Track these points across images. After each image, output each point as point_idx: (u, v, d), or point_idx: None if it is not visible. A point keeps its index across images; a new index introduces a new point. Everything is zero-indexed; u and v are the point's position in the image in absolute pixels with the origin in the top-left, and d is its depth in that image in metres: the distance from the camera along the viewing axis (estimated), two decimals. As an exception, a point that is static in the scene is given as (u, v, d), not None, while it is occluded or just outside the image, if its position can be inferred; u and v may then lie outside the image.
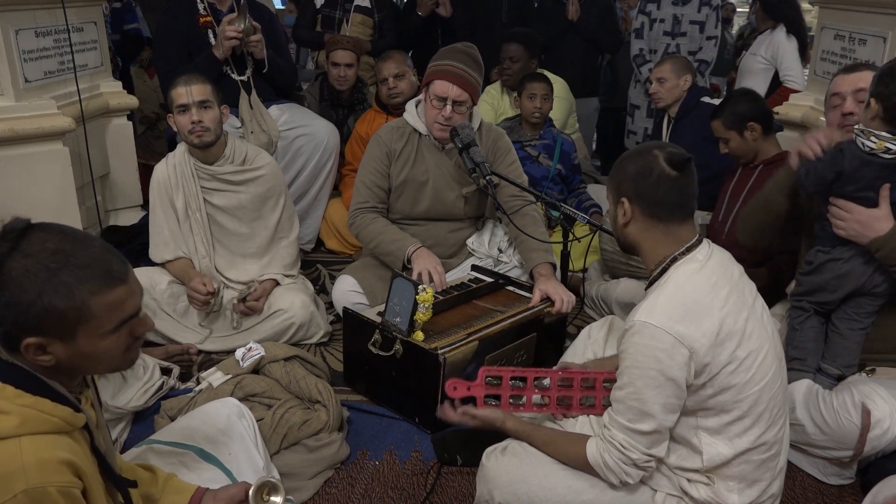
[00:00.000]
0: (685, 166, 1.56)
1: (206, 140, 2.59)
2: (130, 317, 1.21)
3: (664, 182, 1.56)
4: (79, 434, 1.22)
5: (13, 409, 1.13)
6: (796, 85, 4.30)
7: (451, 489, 2.01)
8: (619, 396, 1.56)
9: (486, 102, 4.15)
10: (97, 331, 1.17)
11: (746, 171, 2.87)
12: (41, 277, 1.11)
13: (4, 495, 1.08)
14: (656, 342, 1.48)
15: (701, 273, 1.55)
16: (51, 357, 1.16)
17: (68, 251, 1.14)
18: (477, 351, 2.21)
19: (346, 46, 3.81)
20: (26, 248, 1.12)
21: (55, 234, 1.16)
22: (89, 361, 1.20)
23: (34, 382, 1.16)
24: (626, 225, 1.63)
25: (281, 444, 2.01)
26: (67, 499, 1.12)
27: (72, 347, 1.16)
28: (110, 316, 1.17)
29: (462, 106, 2.55)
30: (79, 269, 1.14)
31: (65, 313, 1.13)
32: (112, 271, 1.17)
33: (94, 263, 1.15)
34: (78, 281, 1.13)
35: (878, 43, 2.82)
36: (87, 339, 1.16)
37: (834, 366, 2.10)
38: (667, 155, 1.57)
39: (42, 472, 1.10)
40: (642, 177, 1.57)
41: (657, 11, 4.26)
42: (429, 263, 2.53)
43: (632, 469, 1.56)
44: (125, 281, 1.19)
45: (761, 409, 1.54)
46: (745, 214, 2.37)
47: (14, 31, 2.83)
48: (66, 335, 1.15)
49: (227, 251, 2.80)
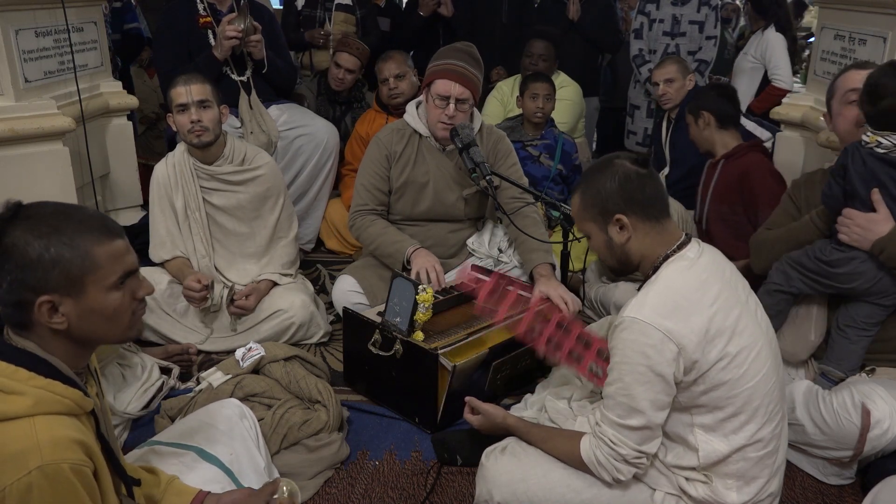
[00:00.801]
0: (648, 162, 1.62)
1: (205, 140, 2.59)
2: (131, 272, 1.28)
3: (645, 181, 1.59)
4: (86, 418, 1.25)
5: (27, 391, 1.16)
6: (784, 84, 4.36)
7: (451, 489, 2.01)
8: (609, 392, 1.57)
9: (495, 99, 4.16)
10: (103, 282, 1.23)
11: (711, 167, 2.94)
12: (44, 233, 1.18)
13: (19, 472, 1.10)
14: (645, 338, 1.49)
15: (691, 270, 1.55)
16: (63, 318, 1.21)
17: (66, 212, 1.23)
18: (485, 359, 2.21)
19: (353, 52, 3.80)
20: (25, 214, 1.20)
21: (50, 203, 1.25)
22: (100, 321, 1.25)
23: (44, 365, 1.20)
24: (627, 241, 1.61)
25: (281, 444, 2.01)
26: (79, 477, 1.15)
27: (82, 305, 1.21)
28: (113, 266, 1.24)
29: (465, 104, 2.56)
30: (79, 222, 1.22)
31: (71, 262, 1.19)
32: (109, 226, 1.26)
33: (91, 219, 1.24)
34: (79, 233, 1.21)
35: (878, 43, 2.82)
36: (95, 292, 1.22)
37: (839, 369, 2.11)
38: (629, 159, 1.61)
39: (56, 450, 1.13)
40: (626, 184, 1.58)
41: (656, 12, 4.26)
42: (427, 262, 2.54)
43: (623, 465, 1.56)
44: (122, 236, 1.28)
45: (756, 404, 1.54)
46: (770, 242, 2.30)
47: (14, 31, 2.83)
48: (75, 289, 1.20)
49: (226, 251, 2.80)
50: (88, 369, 1.34)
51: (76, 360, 1.27)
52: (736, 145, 2.89)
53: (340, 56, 3.81)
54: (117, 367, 2.29)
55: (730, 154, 2.87)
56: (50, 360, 1.21)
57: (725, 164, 2.87)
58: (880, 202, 1.97)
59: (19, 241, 1.17)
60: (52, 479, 1.12)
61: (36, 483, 1.11)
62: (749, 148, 2.89)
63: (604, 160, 1.65)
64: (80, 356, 1.28)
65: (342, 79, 3.84)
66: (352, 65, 3.81)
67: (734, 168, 2.84)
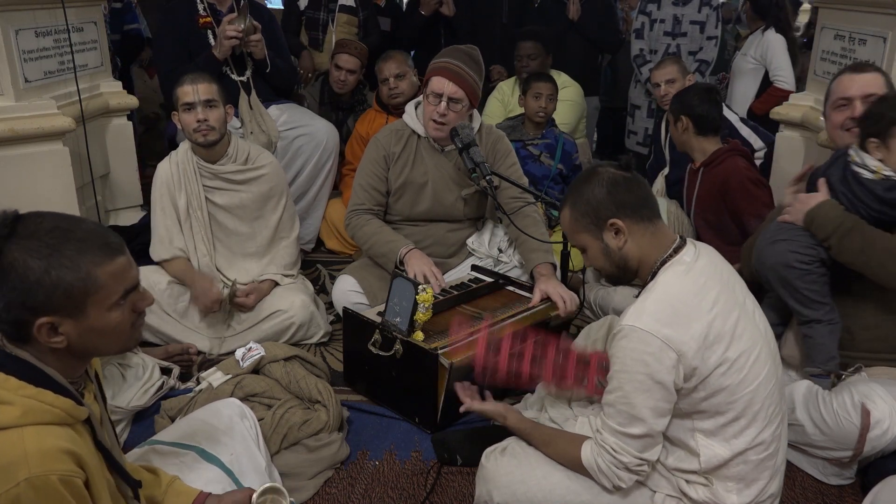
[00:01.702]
0: (631, 167, 1.62)
1: (211, 139, 2.60)
2: (133, 287, 1.25)
3: (631, 184, 1.60)
4: (81, 427, 1.23)
5: (16, 400, 1.14)
6: (786, 85, 4.35)
7: (451, 489, 2.01)
8: (609, 400, 1.56)
9: (496, 99, 4.17)
10: (105, 302, 1.20)
11: (692, 174, 2.91)
12: (44, 254, 1.14)
13: (7, 483, 1.09)
14: (644, 346, 1.48)
15: (689, 275, 1.55)
16: (63, 338, 1.18)
17: (65, 228, 1.18)
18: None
19: (353, 52, 3.80)
20: (23, 232, 1.15)
21: (48, 216, 1.19)
22: (100, 338, 1.23)
23: (36, 374, 1.18)
24: (623, 246, 1.61)
25: (281, 444, 2.01)
26: (69, 488, 1.13)
27: (82, 324, 1.19)
28: (115, 286, 1.20)
29: (458, 104, 2.55)
30: (79, 242, 1.17)
31: (72, 285, 1.15)
32: (110, 243, 1.22)
33: (91, 237, 1.19)
34: (80, 253, 1.16)
35: (878, 43, 2.82)
36: (96, 313, 1.19)
37: (813, 364, 2.11)
38: (612, 166, 1.63)
39: (44, 461, 1.11)
40: (615, 189, 1.58)
41: (657, 12, 4.26)
42: (424, 266, 2.52)
43: (624, 473, 1.56)
44: (123, 252, 1.23)
45: (756, 408, 1.54)
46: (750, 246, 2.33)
47: (14, 31, 2.83)
48: (76, 310, 1.17)
49: (227, 250, 2.80)
50: (87, 374, 1.32)
51: (73, 369, 1.25)
52: (714, 151, 2.82)
53: (340, 57, 3.81)
54: (117, 367, 2.29)
55: (708, 161, 2.82)
56: (43, 369, 1.19)
57: (706, 171, 2.83)
58: (823, 185, 2.07)
59: (18, 262, 1.13)
60: (41, 491, 1.10)
61: (24, 495, 1.09)
62: (727, 153, 2.80)
63: (586, 171, 1.66)
64: (77, 366, 1.26)
65: (344, 80, 3.84)
66: (352, 65, 3.81)
67: (714, 177, 2.79)
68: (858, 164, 2.01)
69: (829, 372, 2.11)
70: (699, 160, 2.87)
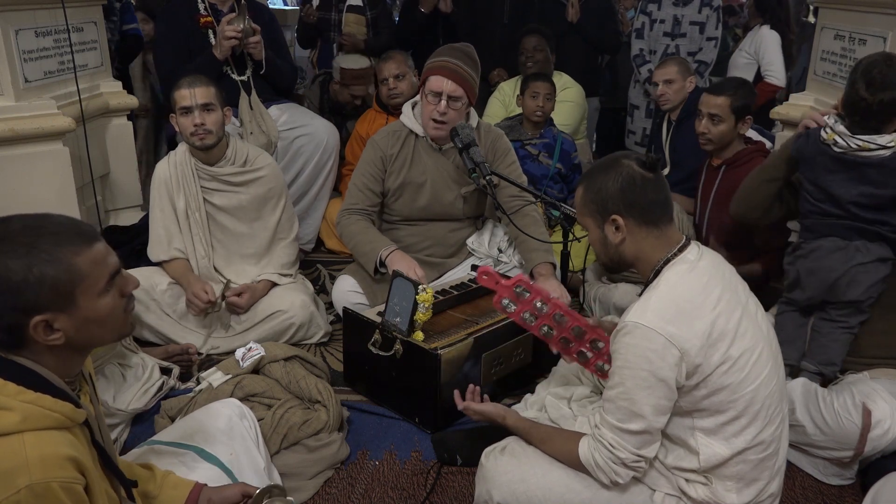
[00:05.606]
0: (656, 166, 1.59)
1: (208, 143, 2.60)
2: (116, 272, 1.25)
3: (648, 185, 1.57)
4: (78, 429, 1.23)
5: (15, 406, 1.14)
6: (776, 80, 4.38)
7: (451, 489, 2.01)
8: (609, 396, 1.56)
9: (497, 99, 4.17)
10: (93, 290, 1.20)
11: (711, 172, 2.90)
12: (21, 253, 1.14)
13: (8, 490, 1.08)
14: (647, 343, 1.48)
15: (692, 273, 1.54)
16: (60, 334, 1.18)
17: (34, 225, 1.18)
18: (473, 348, 2.21)
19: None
20: None
21: (13, 219, 1.18)
22: (96, 327, 1.23)
23: (35, 379, 1.17)
24: (621, 242, 1.61)
25: (281, 444, 2.01)
26: (70, 494, 1.13)
27: (76, 317, 1.19)
28: (99, 272, 1.21)
29: (457, 102, 2.55)
30: (53, 235, 1.17)
31: (58, 279, 1.15)
32: (83, 231, 1.22)
33: (63, 229, 1.20)
34: (57, 245, 1.17)
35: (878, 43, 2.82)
36: (87, 303, 1.19)
37: (811, 363, 2.11)
38: (637, 161, 1.59)
39: (45, 468, 1.11)
40: (629, 188, 1.57)
41: (658, 12, 4.26)
42: (407, 267, 2.49)
43: (621, 468, 1.56)
44: (99, 238, 1.24)
45: (757, 408, 1.54)
46: (745, 181, 2.45)
47: (14, 31, 2.82)
48: (66, 303, 1.17)
49: (225, 251, 2.79)
50: (82, 374, 1.32)
51: (70, 368, 1.25)
52: (739, 150, 2.84)
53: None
54: (117, 367, 2.29)
55: (732, 160, 2.82)
56: (40, 373, 1.18)
57: (727, 170, 2.82)
58: None
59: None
60: (42, 498, 1.10)
61: (25, 501, 1.09)
62: (752, 153, 2.82)
63: (612, 158, 1.63)
64: (74, 364, 1.26)
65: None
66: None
67: (738, 175, 2.76)
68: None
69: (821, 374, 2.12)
70: (722, 158, 2.85)
